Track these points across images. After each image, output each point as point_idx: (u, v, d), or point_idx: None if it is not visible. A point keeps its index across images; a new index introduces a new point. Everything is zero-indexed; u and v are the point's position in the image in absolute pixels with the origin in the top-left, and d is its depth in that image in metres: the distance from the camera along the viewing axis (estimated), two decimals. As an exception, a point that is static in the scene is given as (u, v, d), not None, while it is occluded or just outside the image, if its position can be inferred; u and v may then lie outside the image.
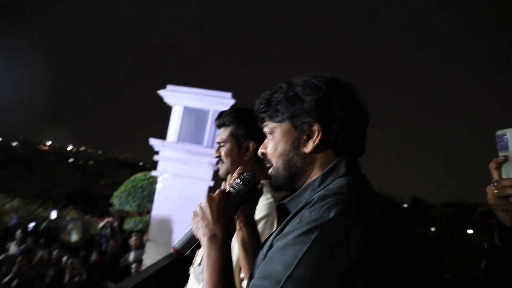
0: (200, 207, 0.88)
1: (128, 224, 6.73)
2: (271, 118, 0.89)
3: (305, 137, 0.85)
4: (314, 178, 0.84)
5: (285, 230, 0.76)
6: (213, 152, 5.16)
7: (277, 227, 0.87)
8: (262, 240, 1.20)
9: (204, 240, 0.83)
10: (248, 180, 0.92)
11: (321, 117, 0.84)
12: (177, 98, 5.22)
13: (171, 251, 0.91)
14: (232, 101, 5.10)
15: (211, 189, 4.97)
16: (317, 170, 0.85)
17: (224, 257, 0.82)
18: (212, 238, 0.83)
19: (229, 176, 0.97)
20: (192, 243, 0.91)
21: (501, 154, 0.95)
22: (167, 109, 5.37)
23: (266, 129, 0.92)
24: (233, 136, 1.48)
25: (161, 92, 5.19)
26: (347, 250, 0.68)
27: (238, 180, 0.92)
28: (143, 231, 6.29)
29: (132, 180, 7.28)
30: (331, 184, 0.80)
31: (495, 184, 0.95)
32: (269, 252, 0.76)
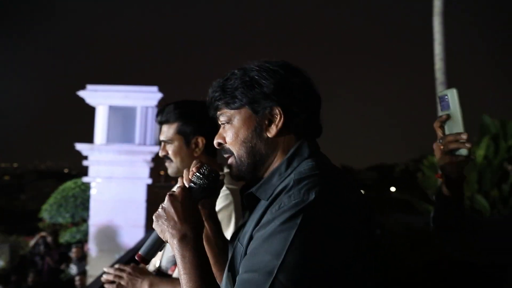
0: (162, 208, 0.81)
1: (64, 237, 6.29)
2: (228, 105, 0.85)
3: (266, 122, 0.83)
4: (279, 163, 0.83)
5: (264, 219, 0.73)
6: (147, 149, 5.00)
7: (247, 217, 0.86)
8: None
9: (173, 242, 0.78)
10: (208, 173, 0.88)
11: (281, 101, 0.82)
12: (100, 97, 4.93)
13: (136, 258, 0.84)
14: (159, 95, 4.97)
15: (149, 187, 4.86)
16: (280, 154, 0.84)
17: (200, 256, 0.77)
18: (182, 239, 0.77)
19: (185, 171, 0.91)
20: (158, 247, 0.85)
21: (443, 113, 1.04)
22: (91, 110, 5.06)
23: (222, 118, 0.87)
24: (180, 133, 1.40)
25: (81, 93, 4.87)
26: (331, 228, 0.69)
27: (198, 174, 0.87)
28: (82, 241, 5.94)
29: (61, 190, 6.75)
30: (299, 167, 0.79)
31: (441, 140, 1.04)
32: (251, 244, 0.73)
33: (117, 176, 4.76)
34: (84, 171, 4.91)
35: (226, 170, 1.34)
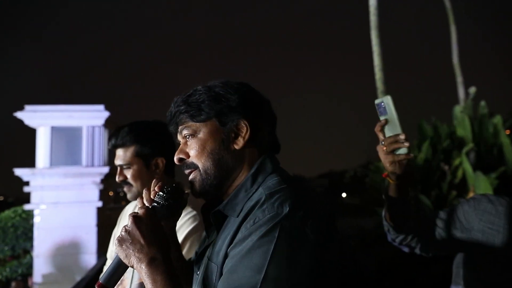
0: (126, 230, 0.77)
1: (3, 273, 5.73)
2: (194, 117, 0.85)
3: (233, 134, 0.84)
4: (244, 179, 0.84)
5: (239, 236, 0.73)
6: (95, 170, 4.77)
7: (215, 235, 0.85)
8: (190, 254, 1.16)
9: (141, 267, 0.74)
10: (173, 192, 0.85)
11: (247, 115, 0.85)
12: (40, 118, 4.63)
13: (96, 287, 0.78)
14: (106, 114, 4.78)
15: (100, 210, 4.61)
16: (245, 169, 0.85)
17: (173, 279, 0.74)
18: (151, 262, 0.74)
19: (145, 191, 0.88)
20: (120, 274, 0.80)
21: (382, 118, 1.15)
22: (31, 132, 4.73)
23: (186, 131, 0.86)
24: (139, 156, 1.35)
25: (19, 115, 4.54)
26: (307, 238, 0.70)
27: (161, 193, 0.85)
28: (26, 275, 5.44)
29: (-3, 221, 6.18)
30: (266, 182, 0.81)
31: (383, 143, 1.15)
32: (227, 262, 0.72)
33: (64, 201, 4.47)
34: (23, 198, 4.55)
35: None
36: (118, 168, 1.37)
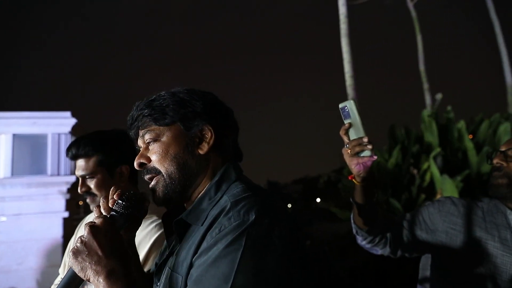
0: (82, 241, 0.74)
1: (-41, 290, 5.38)
2: (157, 121, 0.84)
3: (197, 140, 0.84)
4: (207, 186, 0.83)
5: (204, 245, 0.72)
6: (61, 179, 4.58)
7: (179, 244, 0.82)
8: (150, 264, 1.13)
9: (99, 280, 0.71)
10: (133, 199, 0.82)
11: (212, 121, 0.85)
12: (1, 125, 4.41)
13: None
14: (73, 121, 4.61)
15: (66, 221, 4.42)
16: (208, 175, 0.84)
17: None
18: (110, 275, 0.71)
19: (102, 200, 0.85)
20: (76, 287, 0.77)
21: (346, 121, 1.19)
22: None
23: (148, 135, 0.84)
24: (102, 165, 1.32)
25: (-23, 122, 4.31)
26: (274, 245, 0.70)
27: (120, 202, 0.82)
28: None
29: (-47, 235, 5.80)
30: (230, 190, 0.80)
31: (347, 146, 1.19)
32: (193, 271, 0.71)
33: (27, 211, 4.25)
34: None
35: None
36: (80, 179, 1.33)
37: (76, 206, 5.30)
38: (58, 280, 1.55)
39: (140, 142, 0.88)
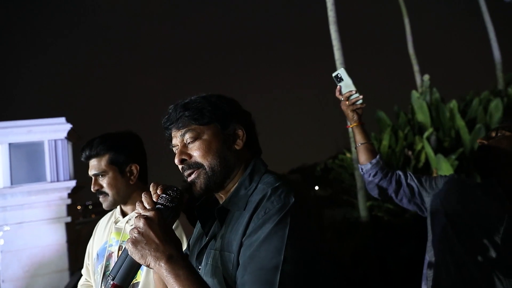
0: (139, 232, 0.79)
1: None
2: (197, 120, 0.93)
3: (231, 138, 0.95)
4: (241, 178, 0.94)
5: (252, 226, 0.81)
6: (61, 185, 4.60)
7: (219, 229, 0.92)
8: None
9: (160, 265, 0.76)
10: (176, 194, 0.89)
11: (242, 121, 0.97)
12: (-4, 135, 4.42)
13: (111, 287, 0.80)
14: (68, 126, 4.62)
15: (69, 226, 4.45)
16: (241, 168, 0.96)
17: (194, 271, 0.78)
18: (170, 259, 0.77)
19: (144, 195, 0.90)
20: (134, 274, 0.83)
21: (339, 85, 1.56)
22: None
23: (189, 134, 0.92)
24: (113, 164, 1.38)
25: (-28, 134, 4.30)
26: (311, 223, 0.82)
27: (166, 196, 0.88)
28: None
29: (-43, 248, 5.81)
30: (263, 179, 0.91)
31: (343, 99, 1.56)
32: (245, 250, 0.79)
33: (30, 219, 4.28)
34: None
35: None
36: (93, 178, 1.40)
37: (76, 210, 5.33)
38: (82, 281, 1.60)
39: (176, 141, 0.95)
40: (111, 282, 0.81)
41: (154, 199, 0.89)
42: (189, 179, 0.93)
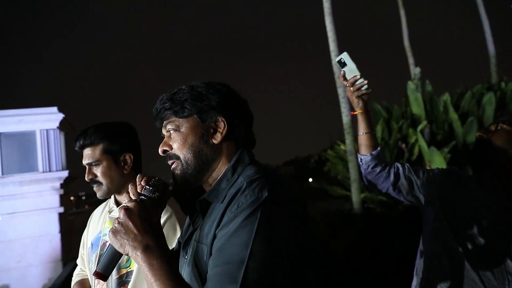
0: (119, 222, 0.82)
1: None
2: (177, 114, 0.94)
3: (212, 130, 0.94)
4: (224, 169, 0.94)
5: (225, 219, 0.82)
6: (54, 175, 4.58)
7: (200, 221, 0.93)
8: (168, 243, 1.23)
9: (137, 254, 0.79)
10: (159, 185, 0.92)
11: (225, 113, 0.95)
12: (-13, 125, 4.36)
13: (94, 275, 0.84)
14: (60, 116, 4.57)
15: (62, 216, 4.43)
16: (223, 161, 0.95)
17: (168, 262, 0.80)
18: (146, 249, 0.79)
19: (130, 186, 0.93)
20: (115, 262, 0.87)
21: (342, 69, 1.50)
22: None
23: (170, 126, 0.95)
24: (107, 153, 1.39)
25: (-39, 122, 4.24)
26: (284, 219, 0.81)
27: (148, 187, 0.90)
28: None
29: None
30: (245, 171, 0.91)
31: (347, 85, 1.50)
32: (216, 242, 0.81)
33: (22, 210, 4.25)
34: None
35: None
36: (87, 167, 1.40)
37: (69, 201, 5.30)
38: (78, 271, 1.61)
39: (163, 131, 0.99)
40: (95, 269, 0.86)
41: (139, 190, 0.91)
42: (171, 168, 0.96)
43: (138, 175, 0.95)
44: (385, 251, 5.19)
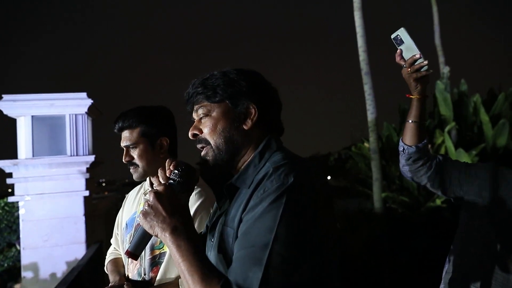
0: (149, 205, 0.86)
1: (-12, 266, 5.63)
2: (209, 98, 0.95)
3: (243, 116, 0.95)
4: (252, 155, 0.94)
5: (251, 203, 0.83)
6: (81, 159, 4.70)
7: (227, 205, 0.95)
8: (200, 228, 1.26)
9: (165, 235, 0.82)
10: (186, 170, 0.94)
11: (256, 100, 0.96)
12: (20, 108, 4.49)
13: (125, 255, 0.88)
14: (89, 101, 4.68)
15: (87, 200, 4.56)
16: (252, 147, 0.96)
17: (195, 243, 0.82)
18: (174, 230, 0.82)
19: (160, 170, 0.96)
20: (146, 242, 0.91)
21: (399, 48, 1.34)
22: (11, 123, 4.59)
23: (201, 111, 0.96)
24: (144, 136, 1.42)
25: (-3, 104, 4.40)
26: (310, 203, 0.81)
27: (177, 172, 0.93)
28: (11, 268, 5.36)
29: (-21, 215, 6.04)
30: (272, 157, 0.91)
31: (405, 65, 1.34)
32: (242, 226, 0.83)
33: (50, 191, 4.39)
34: (4, 194, 4.43)
35: None
36: (125, 149, 1.44)
37: (97, 185, 5.44)
38: (111, 250, 1.66)
39: (194, 115, 1.00)
40: (126, 249, 0.90)
41: (168, 174, 0.95)
42: (202, 153, 0.97)
43: (167, 160, 0.98)
44: (404, 251, 5.10)
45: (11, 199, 4.49)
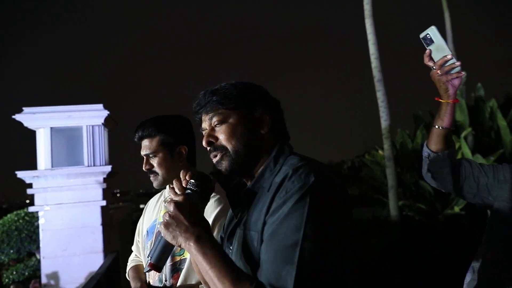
0: (170, 215, 0.86)
1: (9, 276, 5.74)
2: (224, 105, 0.96)
3: (258, 122, 0.98)
4: (266, 161, 0.96)
5: (274, 205, 0.84)
6: (98, 169, 4.79)
7: (248, 210, 0.96)
8: (214, 234, 1.27)
9: (190, 245, 0.82)
10: (203, 179, 0.95)
11: (268, 107, 0.99)
12: (39, 120, 4.62)
13: (148, 267, 0.88)
14: (105, 113, 4.78)
15: (103, 209, 4.63)
16: (266, 153, 0.98)
17: (221, 250, 0.83)
18: (198, 239, 0.82)
19: (175, 181, 0.97)
20: (168, 254, 0.90)
21: (429, 48, 1.25)
22: (30, 135, 4.72)
23: (216, 118, 0.97)
24: (163, 144, 1.45)
25: (17, 117, 4.52)
26: (332, 201, 0.84)
27: (193, 181, 0.94)
28: (31, 278, 5.46)
29: (1, 225, 6.18)
30: (287, 161, 0.93)
31: (434, 67, 1.25)
32: (267, 228, 0.83)
33: (68, 201, 4.48)
34: (17, 204, 4.53)
35: None
36: (145, 158, 1.47)
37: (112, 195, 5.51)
38: (132, 257, 1.69)
39: (205, 125, 1.00)
40: (149, 261, 0.88)
41: (184, 185, 0.96)
42: (214, 160, 0.98)
43: (182, 170, 0.99)
44: (419, 258, 5.01)
45: (31, 209, 4.59)
